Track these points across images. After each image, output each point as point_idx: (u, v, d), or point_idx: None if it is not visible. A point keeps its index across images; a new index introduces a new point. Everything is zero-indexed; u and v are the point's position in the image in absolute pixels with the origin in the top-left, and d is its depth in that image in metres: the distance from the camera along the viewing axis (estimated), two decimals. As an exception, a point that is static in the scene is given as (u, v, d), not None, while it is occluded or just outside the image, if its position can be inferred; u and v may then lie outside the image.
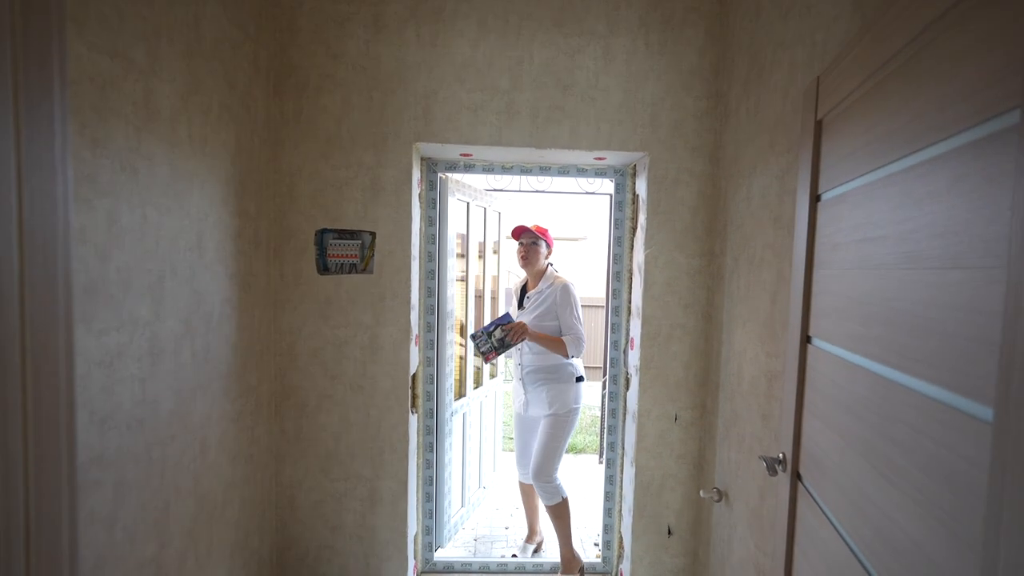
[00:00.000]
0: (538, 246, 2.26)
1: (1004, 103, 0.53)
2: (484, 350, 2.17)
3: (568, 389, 2.23)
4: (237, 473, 1.66)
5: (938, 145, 0.67)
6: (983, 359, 0.55)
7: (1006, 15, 0.54)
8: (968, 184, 0.60)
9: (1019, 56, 0.51)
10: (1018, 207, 0.50)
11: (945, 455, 0.62)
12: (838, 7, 1.24)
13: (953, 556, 0.59)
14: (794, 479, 1.20)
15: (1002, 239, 0.53)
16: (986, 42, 0.58)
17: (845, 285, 0.97)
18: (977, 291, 0.57)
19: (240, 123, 1.63)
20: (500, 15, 1.87)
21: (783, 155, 1.47)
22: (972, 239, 0.59)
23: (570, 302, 2.20)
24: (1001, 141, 0.54)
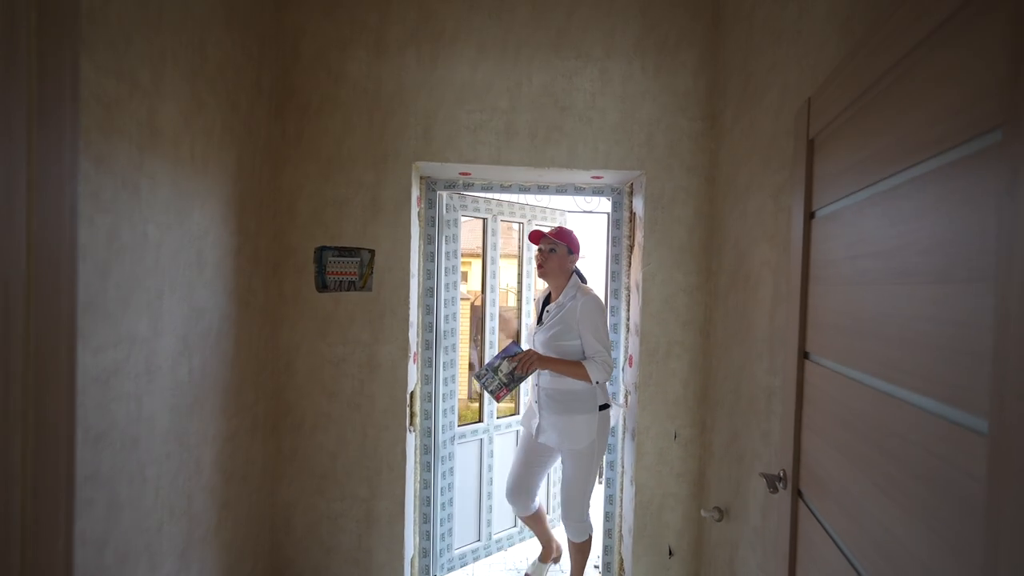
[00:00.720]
0: (556, 252, 1.96)
1: (986, 122, 0.55)
2: (492, 389, 1.92)
3: (588, 421, 1.91)
4: (231, 493, 1.64)
5: (925, 163, 0.69)
6: (975, 371, 0.56)
7: (987, 37, 0.56)
8: (954, 201, 0.61)
9: (999, 77, 0.53)
10: (1004, 223, 0.51)
11: (942, 468, 0.62)
12: (826, 32, 1.28)
13: (953, 571, 0.59)
14: (795, 496, 1.19)
15: (989, 253, 0.54)
16: (968, 63, 0.60)
17: (840, 301, 0.97)
18: (966, 304, 0.58)
19: (242, 143, 1.65)
20: (499, 40, 1.92)
21: (777, 174, 1.50)
22: (959, 254, 0.60)
23: (594, 318, 1.89)
24: (984, 159, 0.55)
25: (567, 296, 1.95)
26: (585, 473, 1.94)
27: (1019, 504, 0.48)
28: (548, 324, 1.96)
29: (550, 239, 1.98)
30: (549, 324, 1.96)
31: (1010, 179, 0.50)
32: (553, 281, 2.01)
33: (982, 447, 0.54)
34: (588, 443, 1.91)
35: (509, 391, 1.93)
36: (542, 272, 1.99)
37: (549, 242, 1.98)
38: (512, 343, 2.00)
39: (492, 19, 1.92)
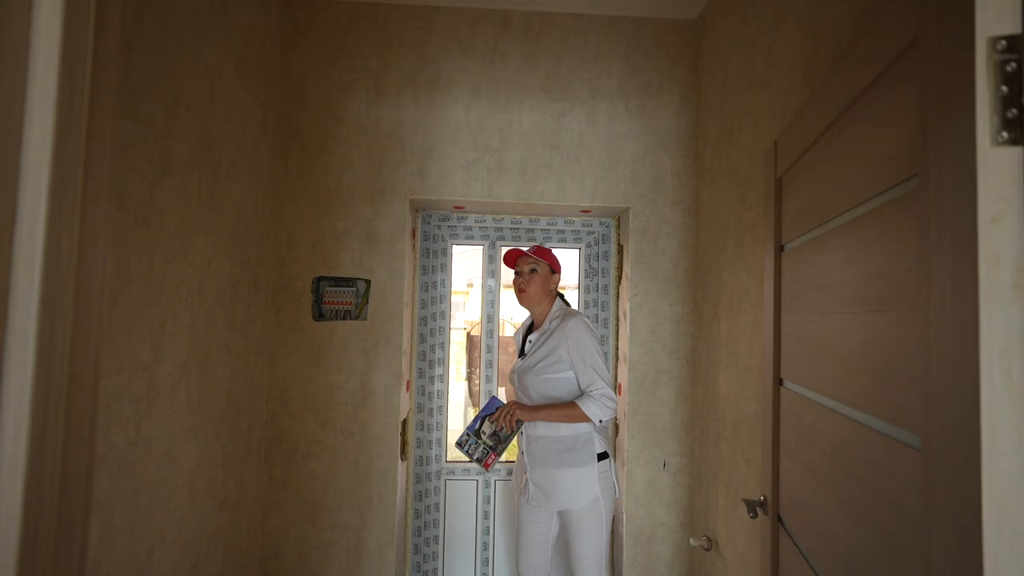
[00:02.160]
0: (539, 272, 1.74)
1: (906, 171, 0.63)
2: (478, 456, 1.68)
3: (587, 474, 1.63)
4: (223, 521, 1.65)
5: (865, 204, 0.76)
6: (910, 392, 0.61)
7: (902, 100, 0.64)
8: (886, 239, 0.68)
9: (915, 131, 0.61)
10: (922, 259, 0.58)
11: (891, 485, 0.67)
12: (791, 79, 1.38)
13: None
14: (775, 522, 1.21)
15: (913, 286, 0.60)
16: (891, 120, 0.68)
17: (806, 328, 1.04)
18: (901, 331, 0.64)
19: (246, 179, 1.74)
20: (491, 83, 2.04)
21: (752, 209, 1.58)
22: (894, 286, 0.66)
23: (584, 342, 1.64)
24: (905, 203, 0.63)
25: (552, 321, 1.72)
26: (595, 538, 1.63)
27: (947, 512, 0.53)
28: (531, 354, 1.71)
29: (531, 258, 1.75)
30: (532, 354, 1.71)
31: (923, 221, 0.57)
32: (536, 307, 1.77)
33: (917, 461, 0.59)
34: (591, 499, 1.62)
35: (498, 456, 1.69)
36: (523, 297, 1.76)
37: (530, 261, 1.75)
38: (493, 398, 1.76)
39: (485, 64, 2.05)
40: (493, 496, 2.31)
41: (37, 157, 0.37)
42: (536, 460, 1.68)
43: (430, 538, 2.25)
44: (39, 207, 0.37)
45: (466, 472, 2.34)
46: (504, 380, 3.15)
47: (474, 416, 1.74)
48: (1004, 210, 0.48)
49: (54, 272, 0.38)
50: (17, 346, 0.36)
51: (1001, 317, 0.47)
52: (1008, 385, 0.47)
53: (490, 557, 2.33)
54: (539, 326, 1.79)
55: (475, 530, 2.31)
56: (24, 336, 0.36)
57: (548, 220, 2.31)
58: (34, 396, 0.37)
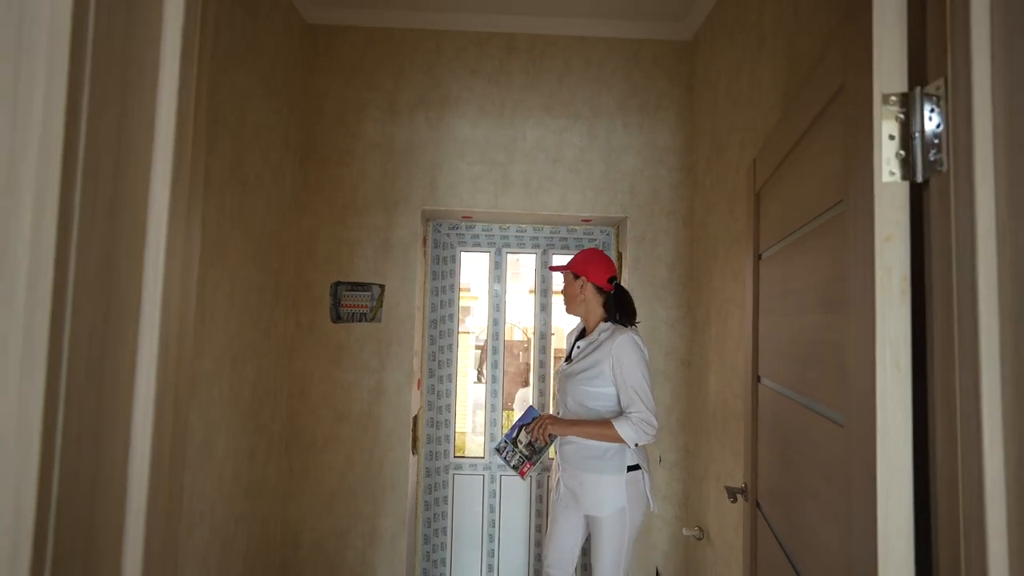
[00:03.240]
0: (572, 286, 1.74)
1: (838, 195, 0.75)
2: (514, 463, 1.71)
3: (615, 483, 1.60)
4: (248, 507, 1.79)
5: (814, 221, 0.89)
6: (839, 378, 0.74)
7: (837, 134, 0.77)
8: (827, 252, 0.81)
9: (841, 163, 0.74)
10: (846, 272, 0.71)
11: (830, 460, 0.79)
12: (771, 101, 1.51)
13: (837, 537, 0.75)
14: (753, 507, 1.33)
15: (843, 291, 0.73)
16: (831, 149, 0.80)
17: (778, 329, 1.16)
18: (837, 328, 0.77)
19: (270, 191, 1.89)
20: (497, 102, 2.19)
21: (739, 220, 1.71)
22: (833, 291, 0.79)
23: (630, 362, 1.58)
24: (836, 223, 0.75)
25: (599, 332, 1.69)
26: (615, 547, 1.60)
27: (864, 476, 0.65)
28: (576, 361, 1.69)
29: (562, 270, 1.77)
30: (578, 362, 1.69)
31: (844, 238, 0.70)
32: (578, 313, 1.77)
33: (842, 435, 0.71)
34: (616, 510, 1.59)
35: (533, 464, 1.71)
36: (566, 307, 1.79)
37: (564, 275, 1.79)
38: (530, 408, 1.75)
39: (492, 84, 2.19)
40: (499, 491, 2.44)
41: (161, 196, 0.51)
42: (567, 462, 1.67)
43: (439, 529, 2.37)
44: (161, 231, 0.51)
45: (472, 467, 2.47)
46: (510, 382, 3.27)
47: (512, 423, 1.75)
48: (894, 231, 0.60)
49: (171, 282, 0.52)
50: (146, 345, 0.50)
51: (891, 316, 0.60)
52: (895, 371, 0.59)
53: (495, 549, 2.45)
54: (588, 334, 1.74)
55: (481, 522, 2.43)
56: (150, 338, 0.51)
57: (551, 228, 2.44)
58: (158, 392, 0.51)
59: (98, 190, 0.44)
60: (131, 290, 0.49)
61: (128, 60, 0.47)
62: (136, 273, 0.50)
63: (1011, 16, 0.51)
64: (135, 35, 0.48)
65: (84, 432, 0.44)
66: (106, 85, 0.44)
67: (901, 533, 0.57)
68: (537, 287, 2.56)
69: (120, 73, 0.46)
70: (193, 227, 0.57)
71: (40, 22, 0.41)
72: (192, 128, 0.56)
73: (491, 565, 2.44)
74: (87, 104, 0.43)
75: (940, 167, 0.57)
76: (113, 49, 0.45)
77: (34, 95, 0.40)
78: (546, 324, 2.54)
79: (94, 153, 0.43)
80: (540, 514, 2.44)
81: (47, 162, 0.40)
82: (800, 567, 0.94)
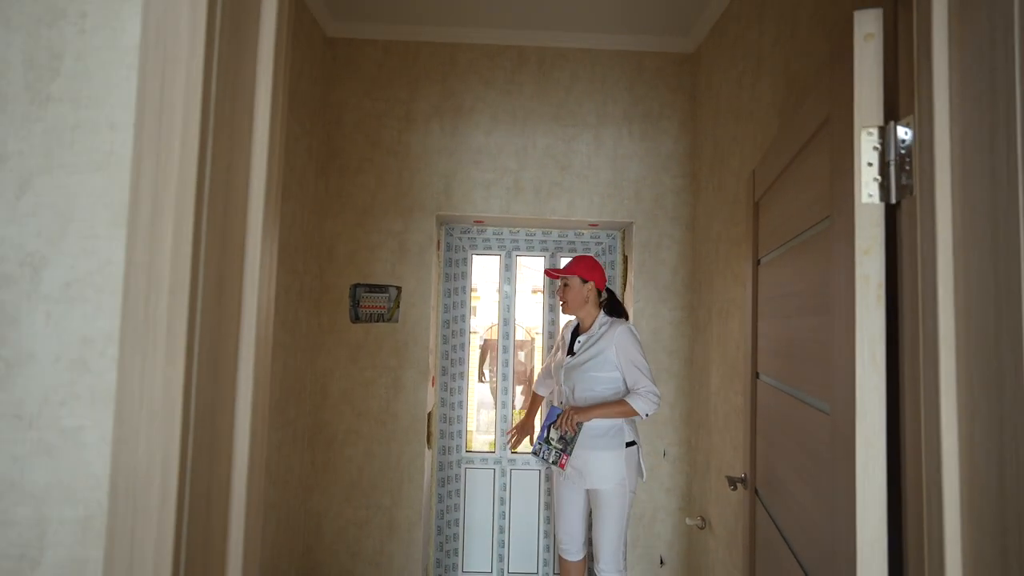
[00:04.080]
0: (570, 286, 1.93)
1: (825, 211, 0.85)
2: (553, 460, 1.85)
3: (616, 458, 1.83)
4: (276, 497, 1.90)
5: (807, 232, 0.99)
6: (826, 372, 0.84)
7: (824, 158, 0.87)
8: (816, 261, 0.91)
9: (828, 182, 0.84)
10: (831, 279, 0.81)
11: (816, 444, 0.89)
12: (770, 115, 1.61)
13: (825, 514, 0.85)
14: (752, 495, 1.43)
15: (829, 296, 0.83)
16: (818, 171, 0.90)
17: (774, 329, 1.26)
18: (825, 328, 0.87)
19: (295, 199, 2.00)
20: (508, 111, 2.29)
21: (739, 226, 1.80)
22: (823, 296, 0.89)
23: (631, 347, 1.83)
24: (824, 236, 0.85)
25: (599, 326, 1.91)
26: (617, 515, 1.83)
27: (846, 454, 0.75)
28: (580, 353, 1.90)
29: (560, 274, 1.96)
30: (581, 354, 1.89)
31: (829, 250, 0.80)
32: (580, 313, 1.96)
33: (828, 422, 0.82)
34: (617, 482, 1.82)
35: (569, 455, 1.84)
36: (564, 307, 1.97)
37: (563, 279, 1.96)
38: (552, 407, 1.90)
39: (503, 94, 2.30)
40: (509, 484, 2.54)
41: (255, 220, 0.62)
42: (576, 444, 1.86)
43: (452, 520, 2.48)
44: (255, 255, 0.62)
45: (484, 462, 2.57)
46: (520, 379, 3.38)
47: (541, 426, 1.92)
48: (871, 245, 0.70)
49: (262, 295, 0.62)
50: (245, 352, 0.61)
51: (868, 317, 0.70)
52: (872, 364, 0.69)
53: (505, 539, 2.55)
54: (586, 329, 1.95)
55: (492, 514, 2.54)
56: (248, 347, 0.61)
57: (559, 232, 2.54)
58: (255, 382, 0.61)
59: (214, 222, 0.54)
60: (234, 301, 0.59)
61: (234, 119, 0.58)
62: (237, 288, 0.60)
63: (965, 65, 0.61)
64: (240, 97, 0.59)
65: (207, 413, 0.54)
66: (220, 139, 0.55)
67: (875, 498, 0.67)
68: (545, 288, 2.67)
69: (229, 130, 0.57)
70: (273, 249, 0.68)
71: (177, 85, 0.51)
72: (277, 173, 0.67)
73: (501, 555, 2.55)
74: (211, 153, 0.53)
75: (911, 191, 0.67)
76: (224, 110, 0.56)
77: (172, 151, 0.50)
78: (554, 324, 2.65)
79: (213, 194, 0.54)
80: (548, 506, 2.55)
81: (183, 204, 0.50)
82: (793, 545, 1.04)
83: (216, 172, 0.54)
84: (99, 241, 0.51)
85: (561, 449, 1.82)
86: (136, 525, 0.48)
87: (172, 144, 0.50)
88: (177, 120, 0.50)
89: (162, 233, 0.49)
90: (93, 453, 0.49)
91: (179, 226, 0.50)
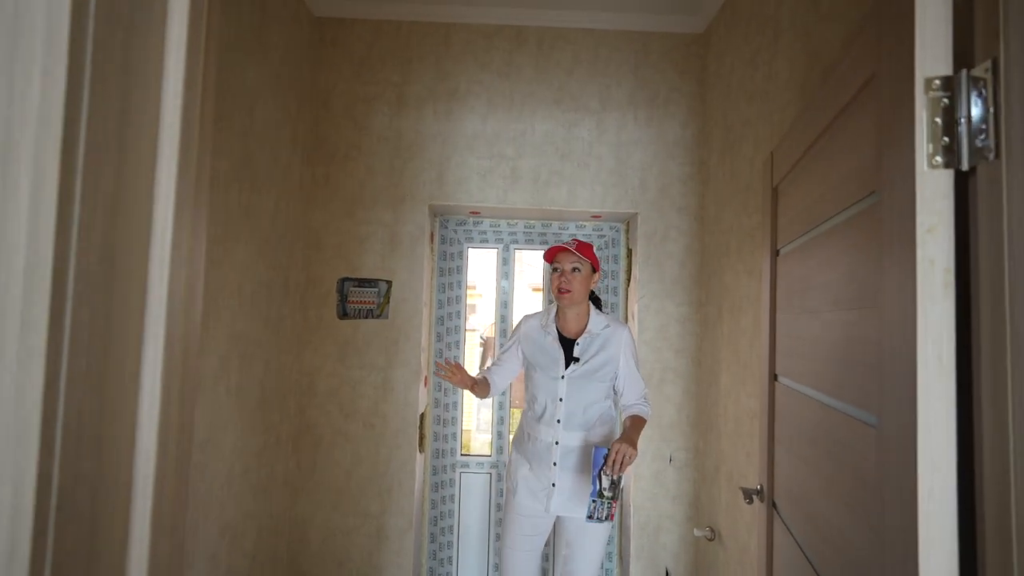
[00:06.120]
0: (582, 272, 1.61)
1: (867, 188, 0.72)
2: (607, 514, 1.52)
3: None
4: (256, 505, 1.78)
5: (843, 213, 0.85)
6: (869, 376, 0.71)
7: (867, 125, 0.74)
8: (857, 245, 0.78)
9: (874, 154, 0.70)
10: (878, 264, 0.67)
11: (855, 459, 0.76)
12: (788, 94, 1.47)
13: (863, 535, 0.72)
14: (770, 508, 1.30)
15: (875, 286, 0.70)
16: (859, 142, 0.77)
17: (796, 326, 1.13)
18: (865, 325, 0.74)
19: (279, 188, 1.87)
20: (506, 95, 2.16)
21: (753, 215, 1.67)
22: (861, 286, 0.76)
23: (635, 351, 1.67)
24: (869, 216, 0.72)
25: (601, 327, 1.64)
26: (603, 541, 1.65)
27: (901, 477, 0.62)
28: (589, 360, 1.61)
29: (574, 255, 1.60)
30: (590, 360, 1.61)
31: (878, 231, 0.66)
32: (576, 308, 1.65)
33: (873, 436, 0.68)
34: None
35: (618, 502, 1.62)
36: (567, 299, 1.60)
37: (573, 260, 1.61)
38: (597, 449, 1.52)
39: (500, 77, 2.16)
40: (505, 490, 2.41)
41: (166, 189, 0.49)
42: (567, 468, 1.62)
43: (445, 527, 2.36)
44: (167, 227, 0.49)
45: (479, 466, 2.44)
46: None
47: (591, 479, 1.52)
48: (937, 222, 0.57)
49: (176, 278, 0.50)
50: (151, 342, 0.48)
51: (934, 310, 0.57)
52: (939, 367, 0.56)
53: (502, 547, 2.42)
54: (578, 331, 1.66)
55: (488, 521, 2.41)
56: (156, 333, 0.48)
57: (560, 224, 2.41)
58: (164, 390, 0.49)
59: (99, 184, 0.41)
60: (135, 286, 0.47)
61: (131, 52, 0.45)
62: (140, 269, 0.47)
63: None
64: (138, 26, 0.46)
65: (86, 429, 0.41)
66: (107, 76, 0.42)
67: (944, 535, 0.54)
68: (544, 284, 2.53)
69: (122, 65, 0.44)
70: (200, 223, 0.55)
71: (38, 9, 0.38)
72: (198, 123, 0.54)
73: (497, 564, 2.42)
74: (87, 95, 0.40)
75: (988, 154, 0.54)
76: (114, 40, 0.43)
77: (31, 81, 0.38)
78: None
79: (95, 146, 0.41)
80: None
81: (45, 152, 0.38)
82: (821, 570, 0.92)
83: (98, 111, 0.41)
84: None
85: (611, 497, 1.50)
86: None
87: (31, 70, 0.37)
88: (36, 39, 0.37)
89: (14, 186, 0.37)
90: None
91: (39, 179, 0.37)
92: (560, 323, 1.69)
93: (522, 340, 1.73)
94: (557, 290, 1.62)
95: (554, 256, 1.63)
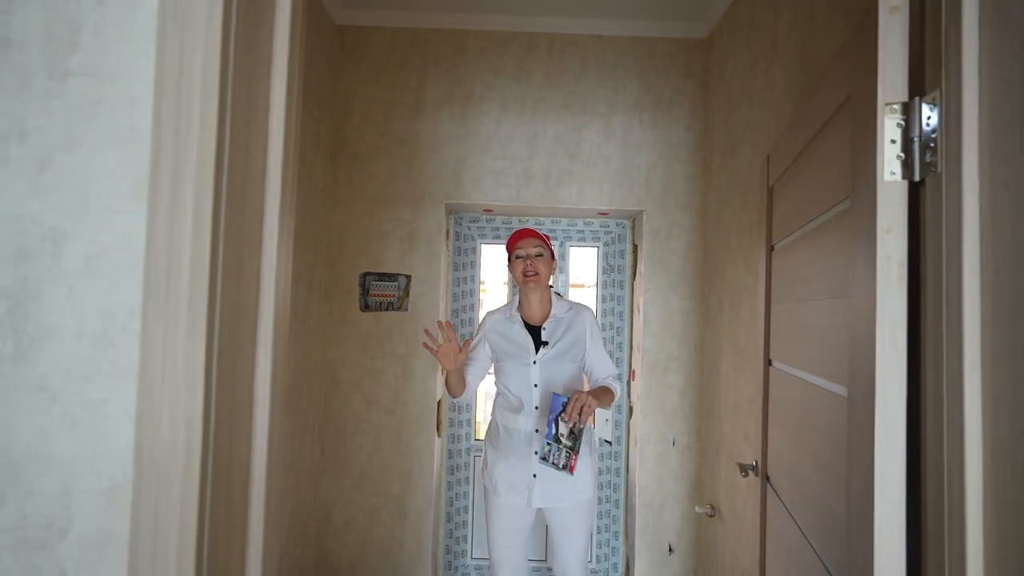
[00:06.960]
0: (544, 257, 1.68)
1: (844, 193, 0.84)
2: (563, 463, 1.51)
3: (592, 462, 1.69)
4: (288, 484, 1.92)
5: (825, 214, 0.97)
6: (842, 355, 0.83)
7: (844, 138, 0.85)
8: (834, 245, 0.90)
9: (848, 163, 0.82)
10: (851, 261, 0.79)
11: (835, 430, 0.88)
12: (784, 101, 1.59)
13: (835, 492, 0.85)
14: (763, 481, 1.43)
15: (846, 279, 0.82)
16: (838, 152, 0.89)
17: (789, 315, 1.24)
18: (843, 311, 0.86)
19: (306, 189, 2.00)
20: (518, 99, 2.27)
21: (751, 213, 1.79)
22: (839, 280, 0.88)
23: (598, 330, 1.73)
24: (843, 218, 0.84)
25: (564, 310, 1.71)
26: (589, 530, 1.70)
27: (863, 438, 0.74)
28: (557, 343, 1.67)
29: (537, 239, 1.69)
30: (557, 342, 1.67)
31: (850, 231, 0.78)
32: (540, 293, 1.70)
33: (845, 405, 0.81)
34: (595, 490, 1.70)
35: (578, 454, 1.53)
36: (534, 282, 1.65)
37: (536, 243, 1.68)
38: (555, 395, 1.54)
39: (513, 82, 2.28)
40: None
41: (272, 197, 0.62)
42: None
43: (460, 508, 2.50)
44: (272, 238, 0.62)
45: (493, 450, 2.59)
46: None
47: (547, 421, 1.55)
48: (893, 224, 0.69)
49: (280, 275, 0.63)
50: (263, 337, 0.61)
51: (890, 299, 0.69)
52: (893, 348, 0.68)
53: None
54: (543, 317, 1.71)
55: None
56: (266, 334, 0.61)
57: (568, 221, 2.53)
58: (273, 358, 0.61)
59: (232, 200, 0.54)
60: (252, 279, 0.60)
61: (252, 95, 0.57)
62: (256, 267, 0.60)
63: (995, 40, 0.59)
64: (257, 72, 0.58)
65: (226, 387, 0.54)
66: (237, 117, 0.54)
67: (895, 481, 0.66)
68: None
69: (246, 105, 0.56)
70: (289, 228, 0.67)
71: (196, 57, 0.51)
72: (294, 151, 0.66)
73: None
74: (228, 132, 0.53)
75: (935, 168, 0.66)
76: (242, 87, 0.55)
77: (192, 122, 0.50)
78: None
79: (231, 169, 0.54)
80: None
81: (204, 176, 0.50)
82: (807, 531, 1.04)
83: (235, 147, 0.54)
84: (119, 215, 0.51)
85: (570, 447, 1.50)
86: (160, 498, 0.49)
87: (191, 117, 0.50)
88: (196, 93, 0.50)
89: (182, 207, 0.49)
90: (117, 426, 0.49)
91: (199, 200, 0.50)
92: (524, 312, 1.73)
93: (488, 335, 1.75)
94: (523, 274, 1.66)
95: (516, 243, 1.69)
